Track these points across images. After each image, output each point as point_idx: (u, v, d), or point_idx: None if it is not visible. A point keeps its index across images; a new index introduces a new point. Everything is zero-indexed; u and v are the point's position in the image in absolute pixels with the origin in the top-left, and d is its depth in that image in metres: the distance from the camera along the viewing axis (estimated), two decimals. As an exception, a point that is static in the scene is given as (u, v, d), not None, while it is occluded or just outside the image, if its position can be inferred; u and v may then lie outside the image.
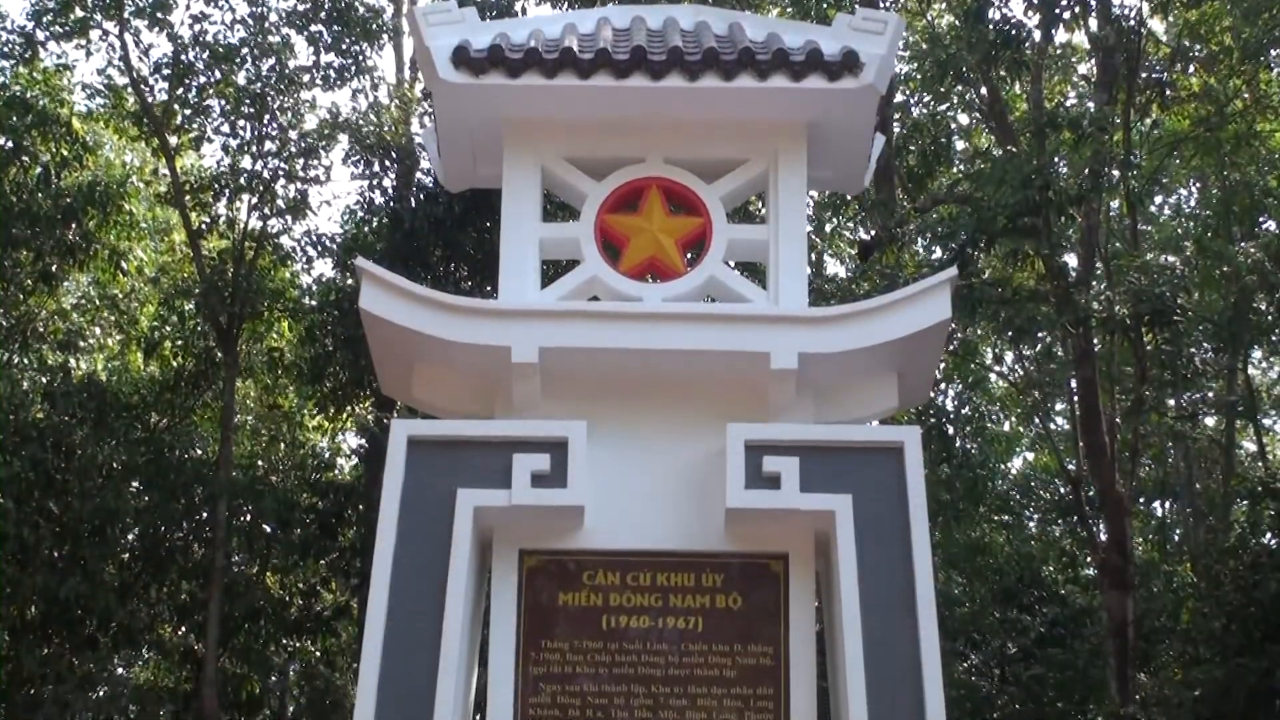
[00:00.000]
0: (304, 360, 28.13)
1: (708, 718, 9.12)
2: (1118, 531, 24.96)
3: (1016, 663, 31.61)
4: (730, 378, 9.60)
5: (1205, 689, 21.35)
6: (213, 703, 25.35)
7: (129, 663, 29.97)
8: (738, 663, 9.23)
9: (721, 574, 9.37)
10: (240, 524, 27.92)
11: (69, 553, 23.89)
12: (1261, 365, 36.16)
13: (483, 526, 9.30)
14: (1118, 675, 24.51)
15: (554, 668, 9.22)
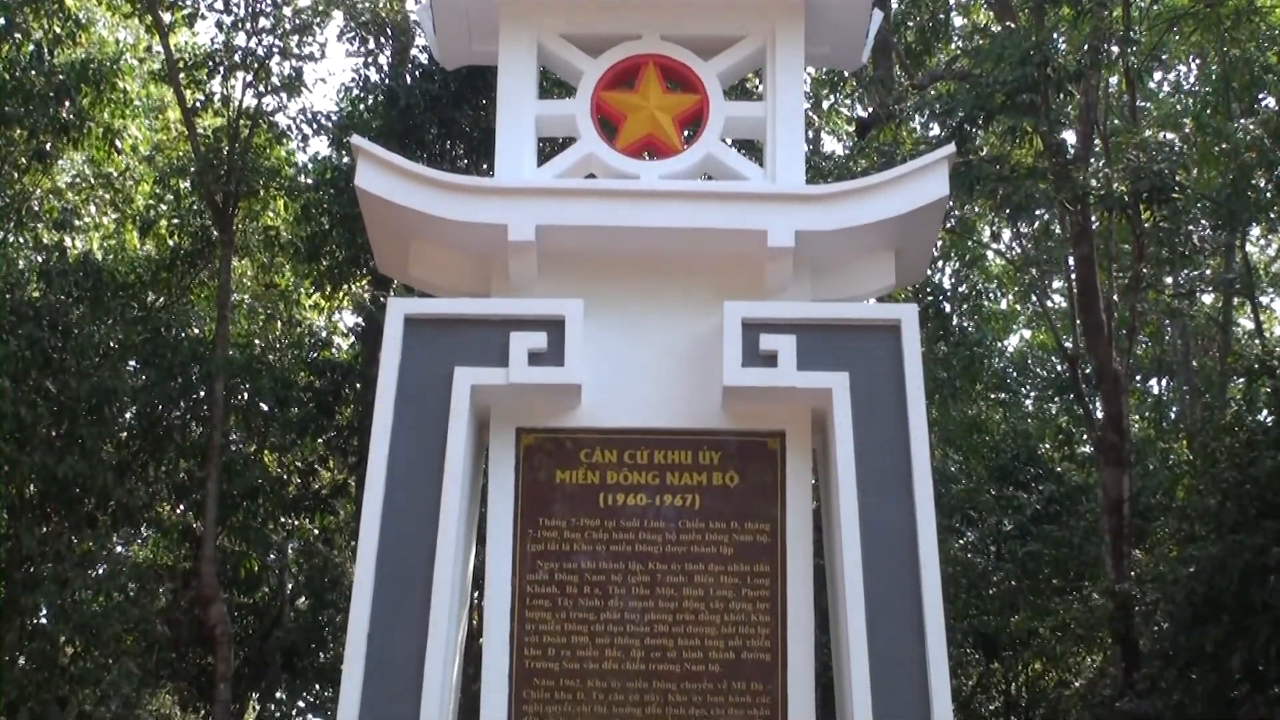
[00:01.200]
0: (300, 239, 28.11)
1: (705, 594, 9.15)
2: (1114, 409, 25.02)
3: (1012, 540, 31.81)
4: (727, 256, 9.57)
5: (1200, 565, 21.45)
6: (211, 580, 25.52)
7: (128, 541, 30.12)
8: (735, 540, 9.26)
9: (719, 452, 9.38)
10: (238, 403, 27.99)
11: (67, 431, 23.94)
12: (1259, 243, 36.10)
13: (480, 405, 9.30)
14: (1113, 552, 24.67)
15: (551, 545, 9.25)
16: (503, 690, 8.96)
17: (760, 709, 8.97)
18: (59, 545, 23.18)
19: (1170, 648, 22.46)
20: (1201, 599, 21.16)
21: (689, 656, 9.06)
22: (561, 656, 9.06)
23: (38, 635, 23.54)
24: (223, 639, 25.35)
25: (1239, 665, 20.64)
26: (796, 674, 9.03)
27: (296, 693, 33.28)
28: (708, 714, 8.96)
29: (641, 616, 9.12)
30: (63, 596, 22.70)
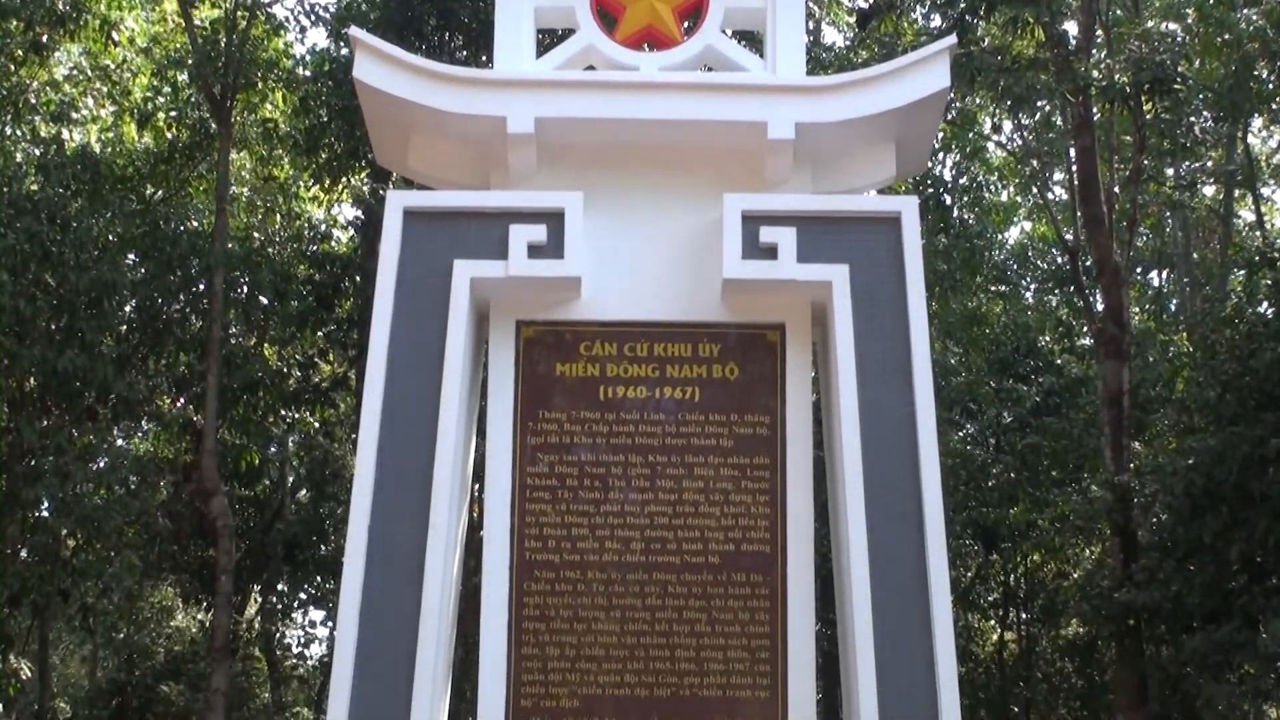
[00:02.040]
0: (299, 131, 27.96)
1: (705, 486, 9.17)
2: (1114, 301, 25.00)
3: (1012, 432, 31.90)
4: (727, 148, 9.53)
5: (1199, 457, 21.51)
6: (212, 473, 25.58)
7: (128, 434, 30.21)
8: (734, 432, 9.27)
9: (718, 344, 9.38)
10: (237, 296, 27.96)
11: (66, 325, 23.93)
12: (1261, 134, 35.93)
13: (479, 297, 9.28)
14: (1112, 444, 24.72)
15: (552, 438, 9.26)
16: (503, 582, 9.01)
17: (760, 600, 9.02)
18: (59, 439, 23.21)
19: (1169, 539, 22.57)
20: (1200, 491, 21.23)
21: (689, 548, 9.09)
22: (562, 548, 9.10)
23: (39, 528, 23.64)
24: (224, 532, 25.46)
25: (1237, 556, 20.74)
26: (796, 565, 9.07)
27: (298, 585, 33.50)
28: (707, 605, 9.00)
29: (641, 509, 9.14)
30: (64, 490, 22.77)
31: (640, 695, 8.88)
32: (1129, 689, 23.88)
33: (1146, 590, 22.34)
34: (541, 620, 8.98)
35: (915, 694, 8.51)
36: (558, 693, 8.88)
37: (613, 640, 8.95)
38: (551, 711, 8.86)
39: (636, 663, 8.92)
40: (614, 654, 8.94)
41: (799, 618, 9.01)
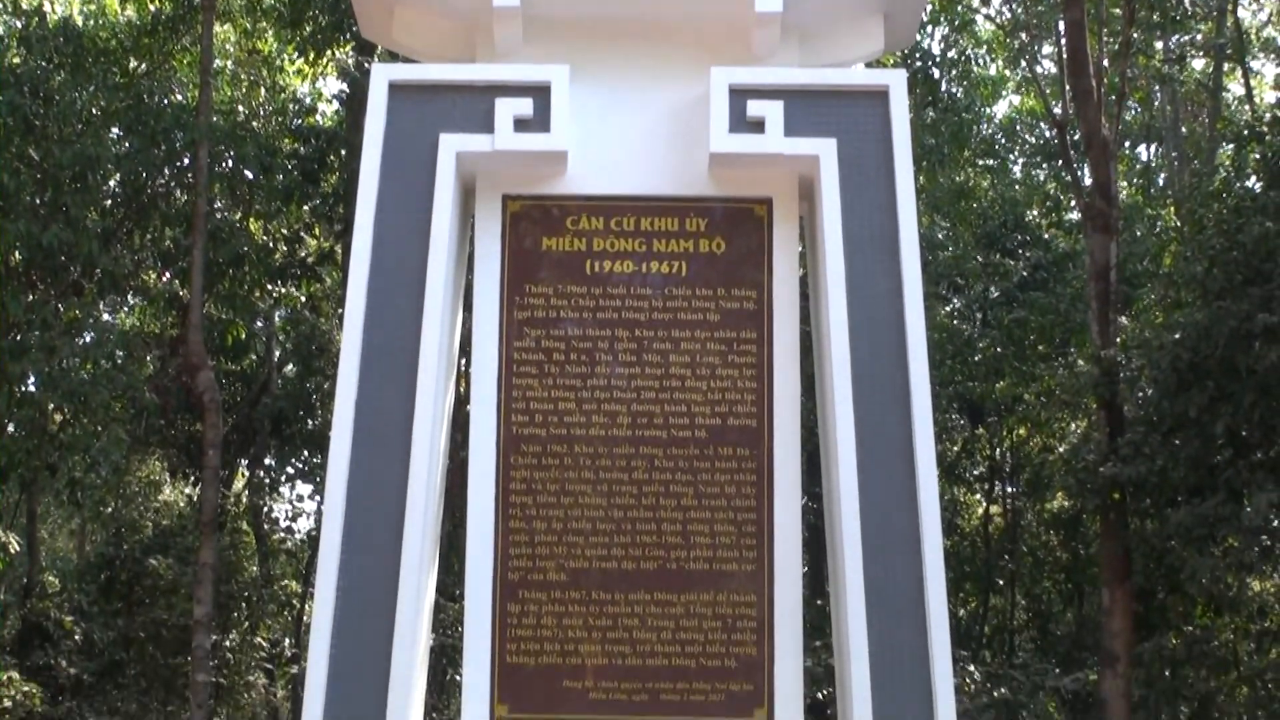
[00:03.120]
0: (282, 4, 27.71)
1: (691, 361, 9.17)
2: (1102, 175, 24.94)
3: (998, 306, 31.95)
4: (714, 21, 9.45)
5: (1185, 332, 21.56)
6: (199, 348, 25.59)
7: (114, 309, 30.17)
8: (721, 307, 9.26)
9: (705, 218, 9.34)
10: (222, 170, 27.83)
11: (51, 199, 23.82)
12: (1250, 7, 35.72)
13: (465, 172, 9.23)
14: (1099, 319, 24.77)
15: (538, 312, 9.24)
16: (490, 456, 9.02)
17: (746, 474, 9.04)
18: (45, 313, 23.18)
19: (1154, 413, 22.67)
20: (1186, 365, 21.31)
21: (675, 423, 9.11)
22: (549, 423, 9.10)
23: (26, 403, 23.65)
24: (211, 406, 25.49)
25: (1222, 430, 20.85)
26: (782, 439, 9.09)
27: (285, 459, 33.58)
28: (694, 479, 9.02)
29: (628, 383, 9.15)
30: (50, 364, 22.76)
31: (627, 568, 8.93)
32: (1113, 562, 24.07)
33: (1132, 464, 22.47)
34: (528, 494, 9.00)
35: (901, 567, 8.56)
36: (545, 566, 8.92)
37: (599, 514, 8.99)
38: (539, 584, 8.91)
39: (623, 536, 8.96)
40: (601, 527, 8.97)
41: (785, 492, 9.04)
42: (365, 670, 8.39)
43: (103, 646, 27.61)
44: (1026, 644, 34.63)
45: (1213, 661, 23.19)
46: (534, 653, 8.84)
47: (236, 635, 29.86)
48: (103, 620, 28.22)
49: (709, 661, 8.85)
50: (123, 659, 28.13)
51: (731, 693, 8.82)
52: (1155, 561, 23.83)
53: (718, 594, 8.91)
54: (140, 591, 29.14)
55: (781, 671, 8.83)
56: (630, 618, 8.89)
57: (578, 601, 8.91)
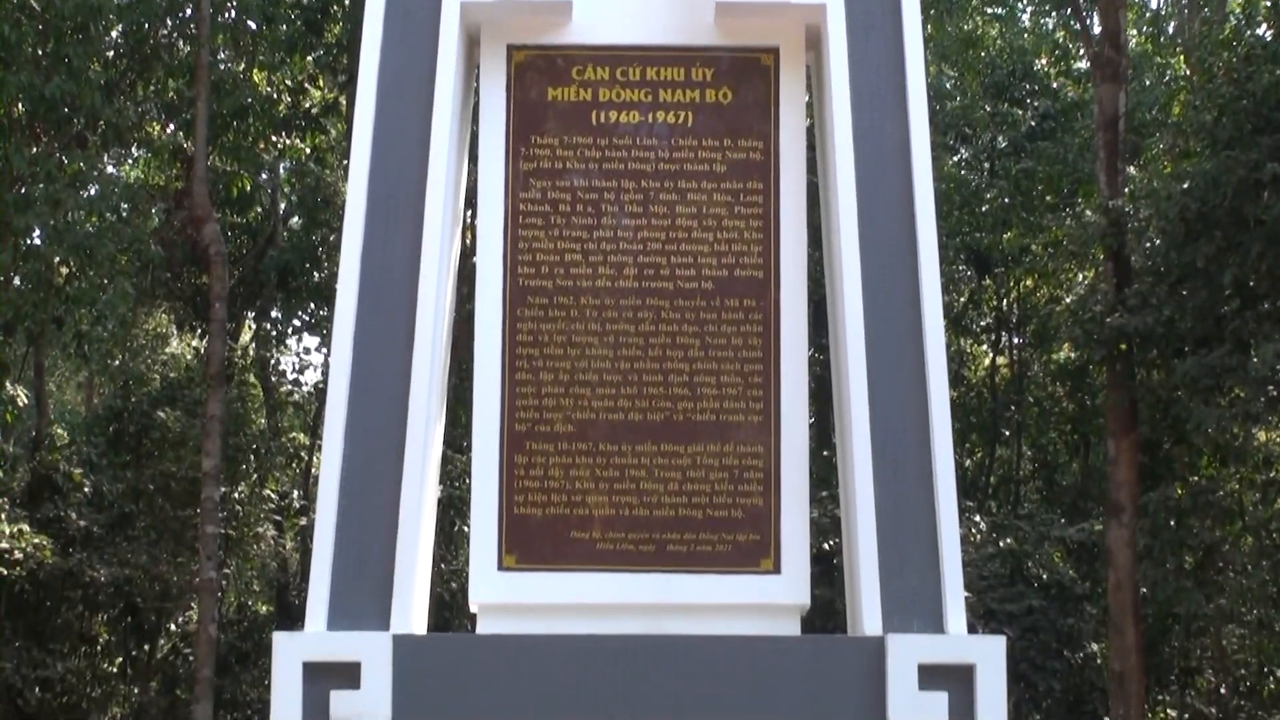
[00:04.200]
0: None
1: (698, 212, 9.13)
2: (1111, 23, 24.71)
3: (1006, 157, 31.82)
4: None
5: (1194, 181, 21.46)
6: (204, 200, 25.52)
7: (119, 161, 30.05)
8: (727, 157, 9.20)
9: (712, 68, 9.26)
10: (224, 20, 27.57)
11: (53, 50, 23.62)
12: None
13: (470, 21, 9.14)
14: (1107, 168, 24.65)
15: (544, 164, 9.19)
16: (496, 308, 9.01)
17: (753, 325, 9.03)
18: (49, 166, 23.07)
19: (1162, 264, 22.64)
20: (1194, 215, 21.24)
21: (682, 274, 9.08)
22: (555, 274, 9.08)
23: (32, 256, 23.62)
24: (216, 258, 25.46)
25: (1230, 281, 20.82)
26: (789, 290, 9.07)
27: (291, 311, 33.59)
28: (701, 330, 9.02)
29: (634, 234, 9.11)
30: (55, 217, 22.69)
31: (634, 420, 8.95)
32: (1119, 413, 24.14)
33: (1139, 315, 22.47)
34: (535, 346, 9.00)
35: (907, 418, 8.58)
36: (552, 418, 8.94)
37: (606, 365, 8.99)
38: (545, 436, 8.93)
39: (630, 388, 8.97)
40: (607, 379, 8.98)
41: (792, 342, 9.04)
42: (373, 521, 8.44)
43: (112, 499, 27.77)
44: (1032, 494, 34.83)
45: (1218, 512, 23.31)
46: (541, 504, 8.88)
47: (245, 487, 30.03)
48: (112, 473, 28.37)
49: (715, 512, 8.89)
50: (132, 511, 28.31)
51: (738, 543, 8.87)
52: (1161, 412, 23.89)
53: (724, 445, 8.94)
54: (149, 444, 29.26)
55: (788, 522, 8.87)
56: (637, 469, 8.92)
57: (585, 453, 8.94)
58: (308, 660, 8.17)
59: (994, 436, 34.38)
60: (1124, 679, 23.42)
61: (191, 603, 27.42)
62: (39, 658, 25.84)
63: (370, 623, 8.31)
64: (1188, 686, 28.28)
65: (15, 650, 25.54)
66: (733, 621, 8.69)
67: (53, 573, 25.67)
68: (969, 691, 8.20)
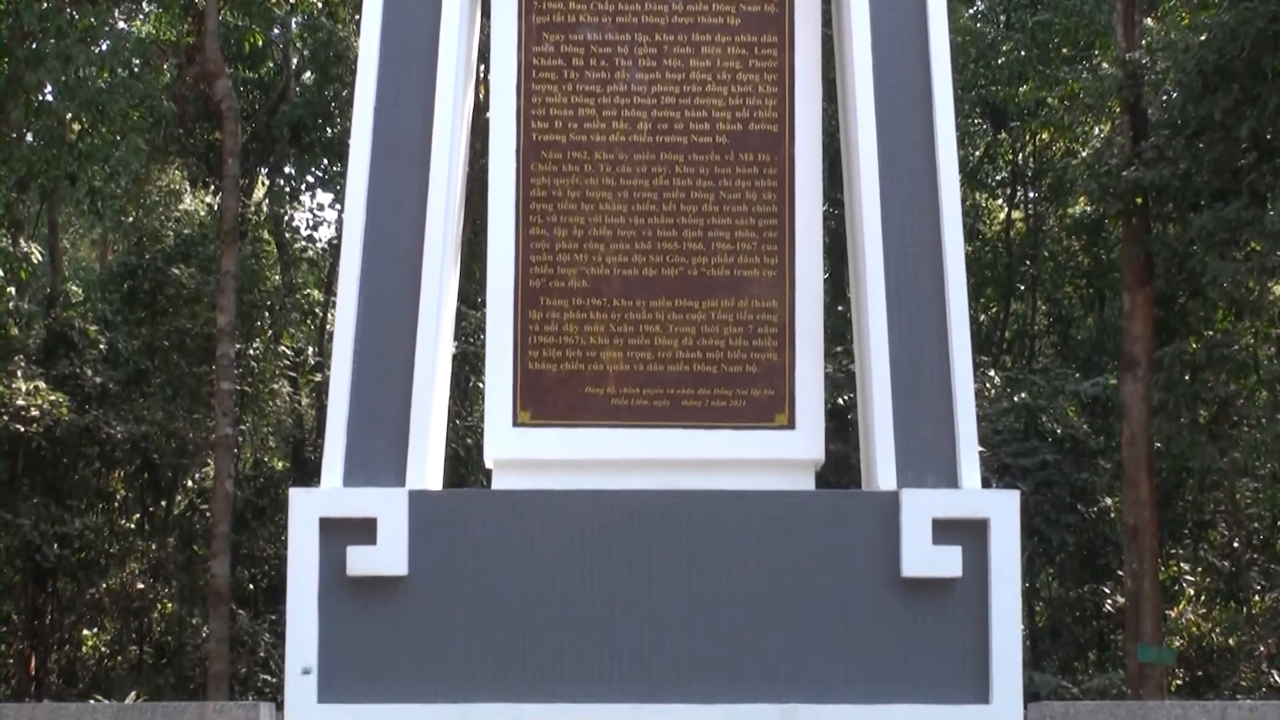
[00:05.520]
0: None
1: (712, 65, 9.07)
2: None
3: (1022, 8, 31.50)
4: None
5: (1212, 33, 21.26)
6: (216, 55, 25.36)
7: (129, 16, 29.81)
8: (742, 10, 9.11)
9: (724, -80, 9.15)
10: None
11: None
12: None
13: (480, -128, 9.03)
14: (1124, 20, 24.42)
15: (556, 17, 9.11)
16: (510, 163, 8.97)
17: (767, 179, 8.99)
18: (60, 21, 22.87)
19: (1179, 117, 22.48)
20: (1212, 67, 21.05)
21: (696, 128, 9.03)
22: (569, 129, 9.03)
23: (44, 112, 23.50)
24: (229, 114, 25.35)
25: (1247, 133, 20.69)
26: (804, 144, 9.02)
27: (305, 167, 33.49)
28: (715, 185, 8.98)
29: (648, 88, 9.05)
30: (67, 73, 22.54)
31: (648, 275, 8.93)
32: (1135, 267, 24.08)
33: (1155, 168, 22.35)
34: (549, 201, 8.97)
35: (922, 272, 8.56)
36: (566, 273, 8.92)
37: (620, 221, 8.96)
38: (559, 291, 8.92)
39: (644, 243, 8.94)
40: (621, 234, 8.95)
41: (806, 197, 9.00)
42: (388, 377, 8.46)
43: (128, 355, 27.86)
44: (1047, 349, 34.86)
45: (1232, 365, 23.31)
46: (556, 359, 8.89)
47: (260, 344, 30.11)
48: (127, 329, 28.43)
49: (730, 367, 8.90)
50: (148, 368, 28.41)
51: (752, 398, 8.88)
52: (1177, 266, 23.83)
53: (739, 300, 8.92)
54: (163, 301, 29.29)
55: (802, 377, 8.88)
56: (652, 324, 8.92)
57: (599, 308, 8.93)
58: (324, 516, 8.22)
59: (1009, 291, 34.34)
60: (1137, 533, 23.54)
61: (208, 459, 27.56)
62: (57, 514, 26.03)
63: (386, 479, 8.35)
64: (1201, 540, 28.44)
65: (33, 507, 25.72)
66: (747, 477, 8.72)
67: (69, 430, 25.79)
68: (983, 546, 8.24)
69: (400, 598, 8.24)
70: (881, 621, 8.28)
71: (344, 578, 8.17)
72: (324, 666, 8.16)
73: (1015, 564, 8.28)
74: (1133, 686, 22.91)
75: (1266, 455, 23.37)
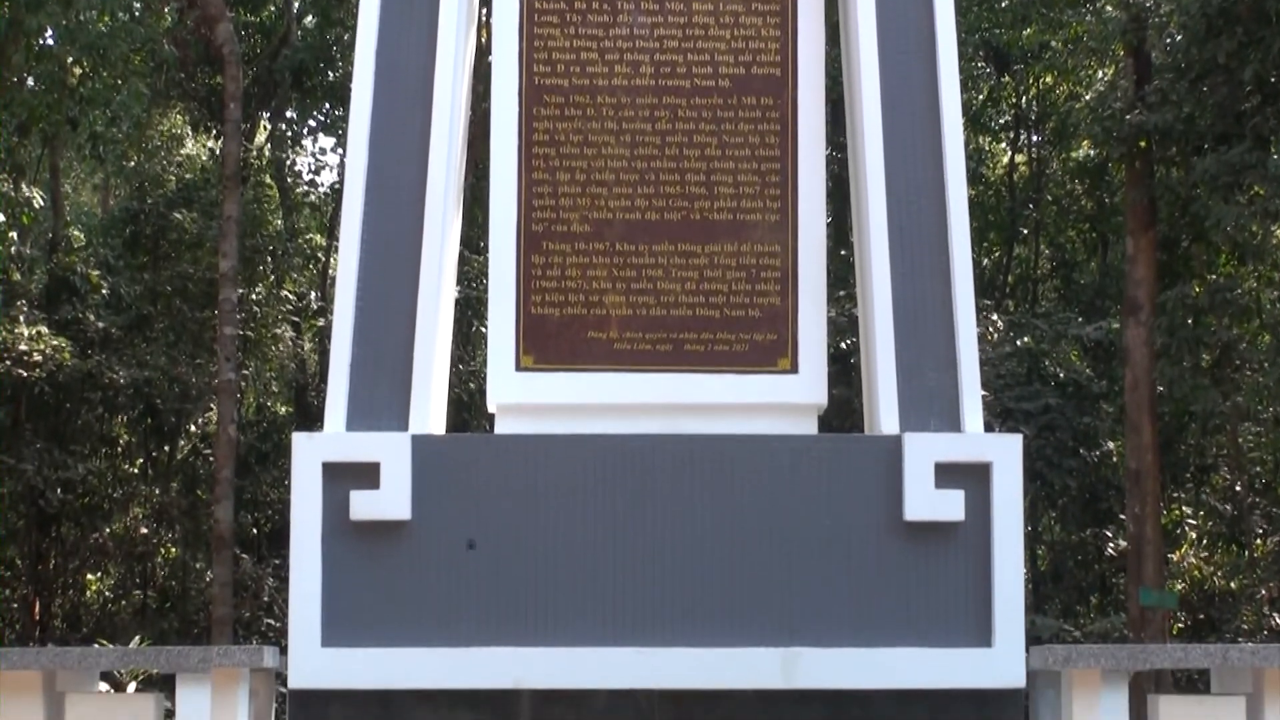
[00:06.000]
0: None
1: (714, 9, 9.07)
2: None
3: (1027, -49, 31.26)
4: None
5: (1216, -24, 21.17)
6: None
7: (130, -40, 29.65)
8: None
9: None
10: None
11: None
12: None
13: None
14: (1128, -38, 24.27)
15: (558, -41, 9.09)
16: (512, 107, 8.95)
17: (770, 123, 8.98)
18: (60, -35, 22.77)
19: (1183, 60, 22.38)
20: (1216, 9, 20.95)
21: (698, 72, 9.01)
22: (571, 73, 9.01)
23: (45, 57, 23.41)
24: (230, 58, 25.24)
25: (1251, 77, 20.61)
26: (807, 88, 9.00)
27: (306, 111, 33.38)
28: (718, 129, 8.96)
29: (651, 32, 9.03)
30: (67, 17, 22.44)
31: (650, 219, 8.93)
32: (1138, 211, 24.02)
33: (1159, 111, 22.28)
34: (551, 145, 8.96)
35: (925, 216, 8.55)
36: (568, 217, 8.92)
37: (623, 165, 8.95)
38: (562, 235, 8.92)
39: (647, 187, 8.93)
40: (624, 179, 8.95)
41: (809, 141, 8.98)
42: (391, 322, 8.46)
43: (130, 300, 27.81)
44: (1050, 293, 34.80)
45: (1235, 309, 23.26)
46: (558, 304, 8.89)
47: (262, 289, 30.05)
48: (129, 274, 28.37)
49: (733, 312, 8.90)
50: (150, 313, 28.36)
51: (755, 342, 8.89)
52: (1180, 209, 23.77)
53: (742, 244, 8.92)
54: (165, 246, 29.22)
55: (805, 321, 8.88)
56: (654, 269, 8.92)
57: (601, 252, 8.93)
58: (327, 461, 8.24)
59: (1012, 235, 34.24)
60: (1140, 477, 23.57)
61: (211, 404, 27.55)
62: (60, 459, 26.03)
63: (389, 423, 8.37)
64: (1203, 484, 28.46)
65: (36, 452, 25.73)
66: (750, 421, 8.73)
67: (72, 375, 25.77)
68: (985, 489, 8.25)
69: (403, 542, 8.26)
70: (884, 565, 8.30)
71: (347, 522, 8.20)
72: (327, 610, 8.18)
73: (1017, 508, 8.29)
74: (1134, 630, 22.96)
75: (1269, 399, 23.36)
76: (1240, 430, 25.78)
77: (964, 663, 8.17)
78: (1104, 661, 7.93)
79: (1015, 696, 8.24)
